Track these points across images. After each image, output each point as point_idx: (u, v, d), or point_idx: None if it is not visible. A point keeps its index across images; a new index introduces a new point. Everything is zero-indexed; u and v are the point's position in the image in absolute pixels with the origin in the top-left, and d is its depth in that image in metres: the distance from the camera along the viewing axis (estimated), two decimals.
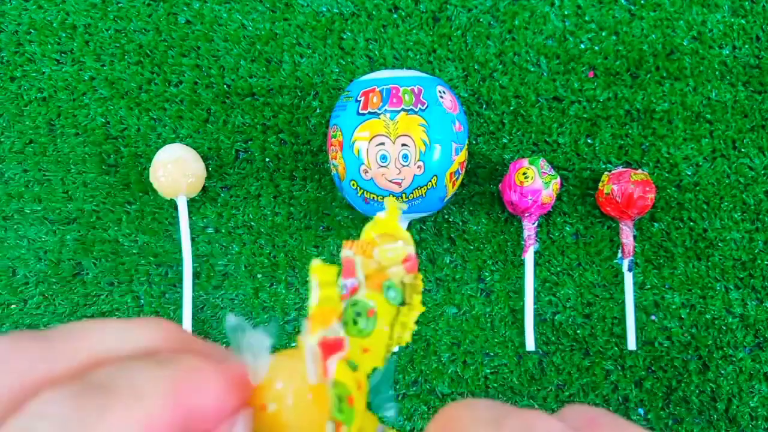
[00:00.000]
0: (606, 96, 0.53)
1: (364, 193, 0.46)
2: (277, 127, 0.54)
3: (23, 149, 0.55)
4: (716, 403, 0.51)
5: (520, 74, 0.54)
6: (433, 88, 0.46)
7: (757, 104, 0.53)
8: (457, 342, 0.52)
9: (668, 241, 0.52)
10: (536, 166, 0.49)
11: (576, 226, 0.53)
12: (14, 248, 0.54)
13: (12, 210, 0.55)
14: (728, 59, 0.53)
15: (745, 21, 0.53)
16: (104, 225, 0.54)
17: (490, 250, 0.53)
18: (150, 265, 0.54)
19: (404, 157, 0.44)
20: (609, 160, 0.53)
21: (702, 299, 0.52)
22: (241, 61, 0.54)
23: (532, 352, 0.52)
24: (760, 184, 0.52)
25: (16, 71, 0.55)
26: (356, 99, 0.46)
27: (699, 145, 0.53)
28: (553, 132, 0.53)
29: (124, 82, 0.55)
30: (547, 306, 0.52)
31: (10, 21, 0.55)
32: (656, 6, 0.53)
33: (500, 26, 0.54)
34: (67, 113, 0.55)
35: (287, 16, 0.55)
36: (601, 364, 0.52)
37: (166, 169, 0.50)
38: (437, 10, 0.54)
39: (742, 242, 0.52)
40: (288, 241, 0.53)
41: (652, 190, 0.49)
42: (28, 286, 0.54)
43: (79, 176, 0.55)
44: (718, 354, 0.51)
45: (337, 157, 0.46)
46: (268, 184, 0.54)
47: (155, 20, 0.55)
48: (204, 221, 0.54)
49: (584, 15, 0.54)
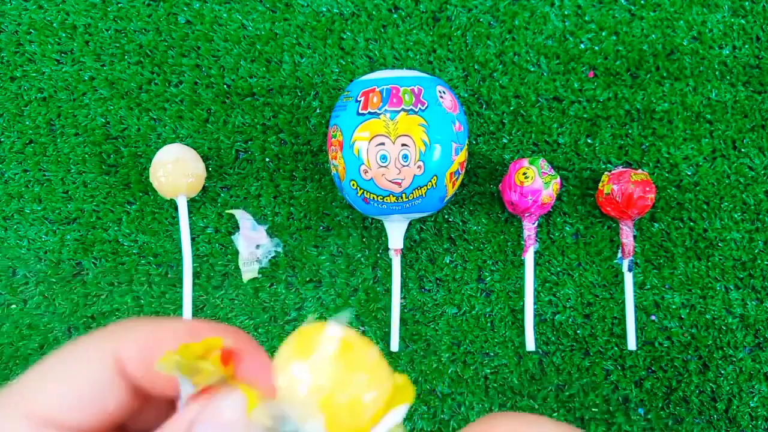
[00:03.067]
0: (606, 96, 0.53)
1: (364, 193, 0.46)
2: (277, 127, 0.54)
3: (23, 149, 0.55)
4: (716, 403, 0.51)
5: (520, 74, 0.54)
6: (433, 88, 0.46)
7: (757, 104, 0.53)
8: (457, 342, 0.52)
9: (668, 241, 0.52)
10: (536, 166, 0.49)
11: (576, 226, 0.53)
12: (14, 248, 0.54)
13: (12, 210, 0.55)
14: (728, 59, 0.53)
15: (745, 21, 0.53)
16: (104, 225, 0.54)
17: (490, 250, 0.53)
18: (150, 265, 0.54)
19: (404, 157, 0.44)
20: (609, 160, 0.53)
21: (702, 299, 0.52)
22: (241, 61, 0.54)
23: (532, 352, 0.52)
24: (760, 184, 0.52)
25: (16, 71, 0.55)
26: (356, 99, 0.46)
27: (699, 145, 0.53)
28: (553, 132, 0.53)
29: (124, 82, 0.55)
30: (547, 306, 0.52)
31: (10, 21, 0.55)
32: (656, 6, 0.53)
33: (500, 26, 0.54)
34: (67, 113, 0.55)
35: (287, 16, 0.55)
36: (601, 364, 0.52)
37: (166, 169, 0.50)
38: (437, 10, 0.54)
39: (742, 242, 0.52)
40: (288, 241, 0.53)
41: (652, 190, 0.49)
42: (28, 286, 0.54)
43: (79, 176, 0.55)
44: (718, 354, 0.51)
45: (337, 157, 0.46)
46: (268, 184, 0.54)
47: (155, 20, 0.55)
48: (204, 221, 0.54)
49: (584, 15, 0.54)
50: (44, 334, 0.53)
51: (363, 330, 0.53)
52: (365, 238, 0.53)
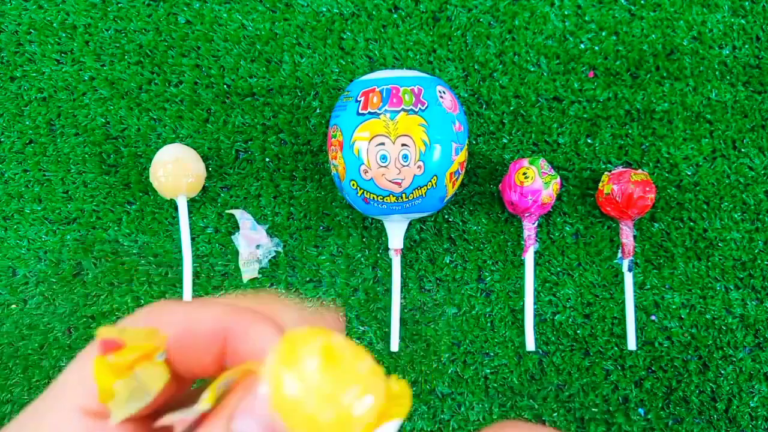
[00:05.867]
0: (606, 96, 0.53)
1: (364, 193, 0.46)
2: (277, 127, 0.54)
3: (23, 149, 0.55)
4: (716, 403, 0.51)
5: (520, 74, 0.54)
6: (433, 88, 0.46)
7: (757, 104, 0.53)
8: (457, 342, 0.52)
9: (668, 241, 0.52)
10: (536, 166, 0.49)
11: (576, 226, 0.53)
12: (14, 248, 0.54)
13: (12, 210, 0.55)
14: (728, 59, 0.53)
15: (745, 21, 0.53)
16: (104, 225, 0.54)
17: (490, 250, 0.53)
18: (150, 265, 0.54)
19: (404, 157, 0.44)
20: (609, 160, 0.53)
21: (702, 299, 0.52)
22: (241, 61, 0.54)
23: (532, 352, 0.52)
24: (760, 184, 0.52)
25: (16, 71, 0.55)
26: (356, 99, 0.46)
27: (699, 145, 0.53)
28: (553, 132, 0.53)
29: (124, 82, 0.55)
30: (547, 306, 0.52)
31: (10, 21, 0.55)
32: (656, 6, 0.53)
33: (500, 26, 0.54)
34: (67, 113, 0.55)
35: (287, 16, 0.55)
36: (601, 364, 0.52)
37: (166, 169, 0.50)
38: (437, 10, 0.54)
39: (742, 242, 0.52)
40: (288, 241, 0.53)
41: (652, 190, 0.49)
42: (28, 286, 0.54)
43: (79, 176, 0.55)
44: (718, 354, 0.51)
45: (337, 157, 0.46)
46: (268, 184, 0.54)
47: (155, 20, 0.55)
48: (204, 221, 0.54)
49: (584, 15, 0.54)
50: (44, 334, 0.53)
51: (363, 330, 0.53)
52: (365, 238, 0.53)
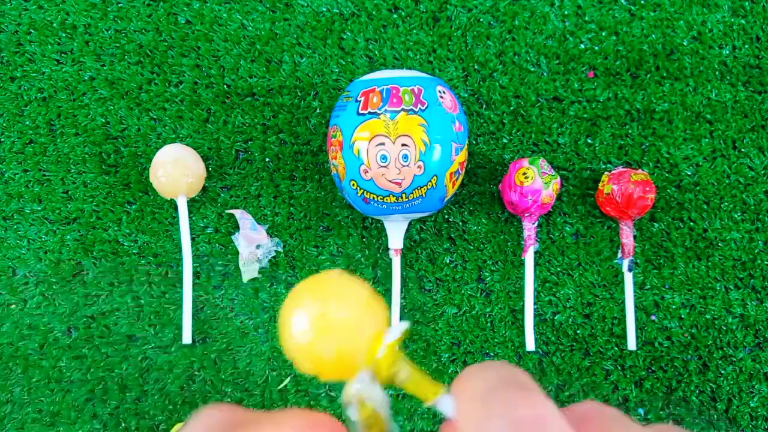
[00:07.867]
0: (606, 96, 0.53)
1: (364, 193, 0.46)
2: (277, 127, 0.54)
3: (23, 149, 0.55)
4: (716, 403, 0.51)
5: (520, 74, 0.54)
6: (433, 88, 0.46)
7: (757, 104, 0.53)
8: (457, 342, 0.52)
9: (668, 241, 0.52)
10: (536, 166, 0.49)
11: (576, 226, 0.53)
12: (14, 248, 0.54)
13: (12, 210, 0.55)
14: (728, 59, 0.53)
15: (745, 21, 0.53)
16: (104, 225, 0.54)
17: (490, 250, 0.53)
18: (150, 265, 0.54)
19: (404, 157, 0.44)
20: (609, 160, 0.53)
21: (702, 299, 0.52)
22: (241, 61, 0.54)
23: (532, 352, 0.52)
24: (760, 184, 0.52)
25: (16, 71, 0.55)
26: (356, 99, 0.46)
27: (699, 145, 0.53)
28: (553, 132, 0.53)
29: (124, 82, 0.55)
30: (547, 306, 0.52)
31: (10, 21, 0.55)
32: (656, 6, 0.53)
33: (500, 26, 0.54)
34: (67, 113, 0.55)
35: (287, 16, 0.55)
36: (601, 364, 0.52)
37: (166, 169, 0.50)
38: (437, 10, 0.54)
39: (742, 242, 0.52)
40: (288, 241, 0.53)
41: (652, 190, 0.49)
42: (28, 286, 0.54)
43: (79, 176, 0.55)
44: (718, 354, 0.51)
45: (337, 157, 0.46)
46: (268, 184, 0.54)
47: (155, 20, 0.55)
48: (204, 221, 0.54)
49: (584, 15, 0.54)
50: (44, 334, 0.53)
51: None
52: (365, 238, 0.53)
